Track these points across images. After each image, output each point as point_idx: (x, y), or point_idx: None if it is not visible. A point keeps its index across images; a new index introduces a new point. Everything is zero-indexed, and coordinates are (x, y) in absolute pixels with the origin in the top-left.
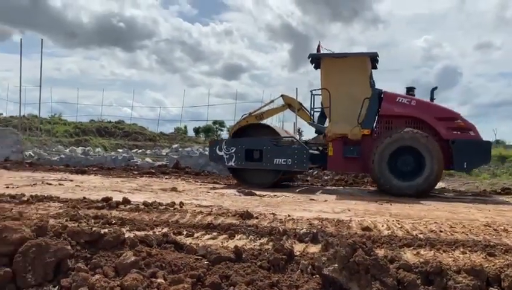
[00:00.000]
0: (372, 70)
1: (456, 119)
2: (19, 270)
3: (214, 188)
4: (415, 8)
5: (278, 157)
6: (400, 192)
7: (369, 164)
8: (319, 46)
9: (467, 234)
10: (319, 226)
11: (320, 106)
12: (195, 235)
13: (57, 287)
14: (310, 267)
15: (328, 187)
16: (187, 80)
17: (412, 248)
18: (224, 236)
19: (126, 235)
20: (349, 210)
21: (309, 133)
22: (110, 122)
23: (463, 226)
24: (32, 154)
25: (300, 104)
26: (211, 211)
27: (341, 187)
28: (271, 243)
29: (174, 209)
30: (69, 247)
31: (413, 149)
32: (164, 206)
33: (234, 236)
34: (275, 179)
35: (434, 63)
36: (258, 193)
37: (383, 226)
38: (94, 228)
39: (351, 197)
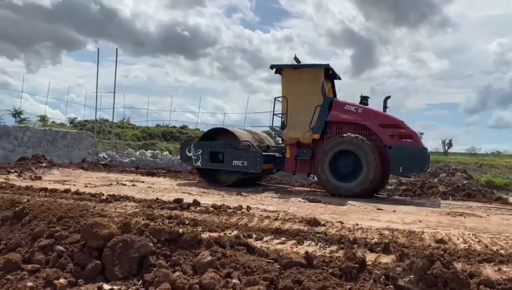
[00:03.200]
0: (337, 80)
1: (398, 126)
2: (107, 263)
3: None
4: (489, 9)
5: (236, 160)
6: (339, 192)
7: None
8: (296, 58)
9: None
10: (390, 237)
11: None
12: (264, 239)
13: (141, 281)
14: (384, 277)
15: (395, 197)
16: (247, 86)
17: (492, 263)
18: (293, 241)
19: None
20: (420, 221)
21: None
22: (174, 127)
23: None
24: (106, 157)
25: None
26: (278, 216)
27: (408, 197)
28: (341, 251)
29: (242, 212)
30: (151, 244)
31: (352, 153)
32: (232, 209)
33: (303, 242)
34: (234, 179)
35: (508, 68)
36: (323, 200)
37: (458, 239)
38: (173, 227)
39: (421, 208)
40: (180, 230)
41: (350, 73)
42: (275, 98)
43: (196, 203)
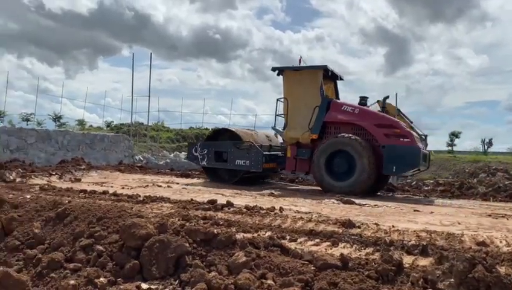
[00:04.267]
0: (340, 80)
1: (393, 126)
2: (145, 263)
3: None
4: None
5: (239, 159)
6: (334, 191)
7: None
8: (301, 60)
9: None
10: (428, 239)
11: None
12: (298, 240)
13: (177, 281)
14: (422, 280)
15: (432, 198)
16: (277, 87)
17: None
18: (328, 243)
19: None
20: (459, 223)
21: None
22: (207, 129)
23: None
24: (142, 159)
25: (399, 110)
26: (311, 217)
27: (446, 199)
28: (378, 253)
29: (275, 214)
30: (187, 244)
31: (346, 152)
32: (265, 211)
33: (338, 244)
34: (237, 178)
35: None
36: (357, 201)
37: (501, 242)
38: (208, 228)
39: (460, 209)
40: (215, 231)
41: (384, 72)
42: (277, 100)
43: (229, 204)
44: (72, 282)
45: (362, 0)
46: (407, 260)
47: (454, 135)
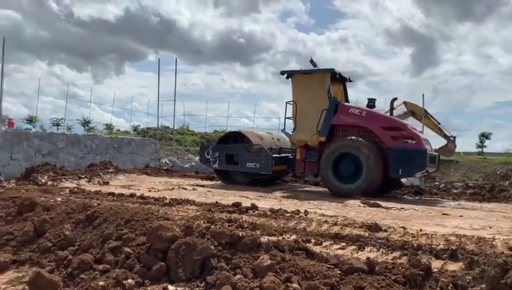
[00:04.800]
0: (349, 82)
1: (400, 128)
2: (171, 265)
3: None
4: None
5: (249, 162)
6: (341, 193)
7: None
8: (312, 61)
9: None
10: (457, 243)
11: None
12: (324, 244)
13: (203, 283)
14: (451, 285)
15: (461, 201)
16: None
17: None
18: (353, 247)
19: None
20: (490, 227)
21: (435, 141)
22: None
23: None
24: (168, 162)
25: (426, 111)
26: (337, 221)
27: (476, 202)
28: (405, 258)
29: (300, 217)
30: (212, 247)
31: (353, 155)
32: (290, 214)
33: (364, 248)
34: (248, 180)
35: None
36: (383, 204)
37: None
38: (233, 231)
39: (490, 213)
40: (240, 233)
41: (410, 72)
42: (286, 103)
43: (254, 207)
44: (101, 283)
45: (387, 0)
46: (436, 264)
47: (485, 136)
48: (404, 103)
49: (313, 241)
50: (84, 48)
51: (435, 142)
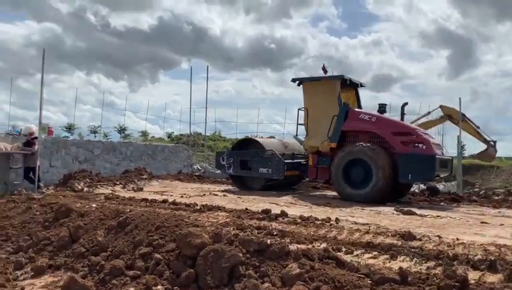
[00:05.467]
0: (361, 87)
1: (410, 134)
2: (200, 272)
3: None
4: None
5: (262, 167)
6: (352, 199)
7: None
8: (324, 68)
9: None
10: (496, 253)
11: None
12: (355, 253)
13: None
14: None
15: (502, 209)
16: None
17: None
18: (386, 256)
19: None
20: None
21: (474, 145)
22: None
23: None
24: (200, 168)
25: (463, 115)
26: (369, 229)
27: None
28: (440, 268)
29: (331, 225)
30: (240, 254)
31: (363, 161)
32: (320, 221)
33: (396, 257)
34: (261, 185)
35: None
36: (418, 212)
37: None
38: (262, 238)
39: None
40: (268, 241)
41: (447, 75)
42: (298, 109)
43: (284, 214)
44: (131, 289)
45: (421, 2)
46: (473, 275)
47: None
48: (441, 106)
49: (343, 250)
50: (120, 57)
51: (475, 147)
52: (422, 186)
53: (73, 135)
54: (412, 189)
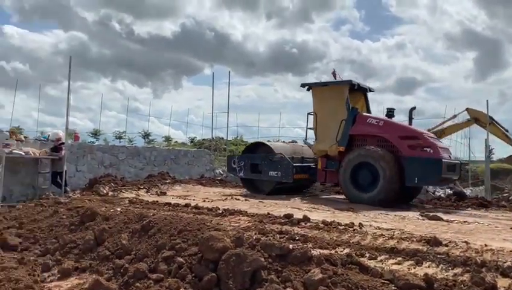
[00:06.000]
0: (370, 92)
1: (417, 138)
2: (222, 275)
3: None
4: None
5: (272, 171)
6: (360, 201)
7: None
8: (334, 73)
9: None
10: None
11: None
12: (379, 258)
13: None
14: None
15: None
16: None
17: None
18: (411, 262)
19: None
20: None
21: (503, 149)
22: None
23: None
24: (222, 172)
25: (491, 118)
26: (393, 234)
27: None
28: (467, 275)
29: (354, 230)
30: (262, 259)
31: (370, 164)
32: (343, 226)
33: (422, 263)
34: (271, 188)
35: None
36: (445, 217)
37: None
38: (284, 243)
39: None
40: (291, 246)
41: (473, 77)
42: (307, 114)
43: (306, 219)
44: None
45: (446, 3)
46: (502, 283)
47: None
48: (467, 109)
49: (367, 255)
50: (144, 64)
51: (504, 151)
52: (448, 191)
53: (98, 141)
54: (438, 194)
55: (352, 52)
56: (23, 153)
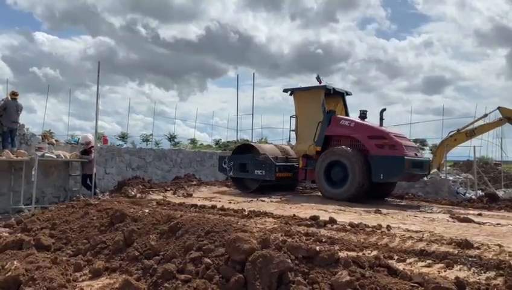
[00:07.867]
0: (348, 96)
1: (383, 137)
2: (249, 277)
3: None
4: None
5: (257, 170)
6: (333, 197)
7: None
8: (318, 78)
9: None
10: None
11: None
12: (407, 261)
13: None
14: None
15: None
16: (382, 98)
17: None
18: (441, 265)
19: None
20: None
21: None
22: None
23: None
24: None
25: None
26: (422, 236)
27: None
28: (501, 279)
29: (382, 232)
30: (289, 260)
31: (341, 163)
32: (370, 229)
33: (452, 266)
34: (256, 186)
35: None
36: (476, 219)
37: None
38: (310, 245)
39: None
40: (317, 248)
41: (506, 74)
42: (290, 117)
43: (332, 220)
44: None
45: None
46: None
47: None
48: (499, 108)
49: (395, 257)
50: (169, 68)
51: None
52: (480, 192)
53: (126, 143)
54: (468, 195)
55: (378, 52)
56: (55, 156)
